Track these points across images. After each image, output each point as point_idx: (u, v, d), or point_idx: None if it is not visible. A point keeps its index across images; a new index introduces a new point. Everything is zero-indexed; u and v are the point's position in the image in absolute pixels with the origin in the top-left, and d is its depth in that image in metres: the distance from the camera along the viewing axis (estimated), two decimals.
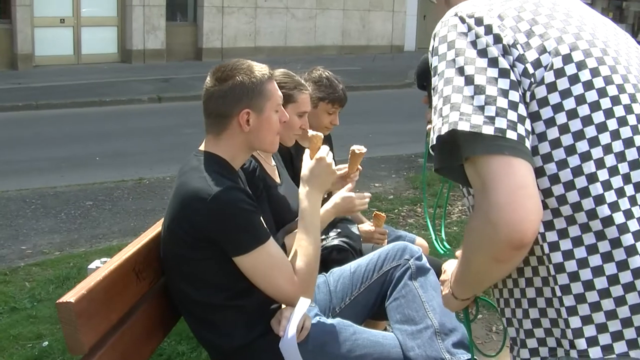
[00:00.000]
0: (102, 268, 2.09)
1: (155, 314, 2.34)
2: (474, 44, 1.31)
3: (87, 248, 5.45)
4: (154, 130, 10.65)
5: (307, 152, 2.44)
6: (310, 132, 2.47)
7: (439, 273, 2.65)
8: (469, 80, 1.28)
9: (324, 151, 2.40)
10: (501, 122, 1.24)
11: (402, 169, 8.21)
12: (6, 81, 13.72)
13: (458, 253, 1.60)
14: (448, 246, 2.05)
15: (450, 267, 1.65)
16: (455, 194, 6.66)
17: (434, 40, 1.39)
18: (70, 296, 1.86)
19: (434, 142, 1.31)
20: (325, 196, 2.87)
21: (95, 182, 7.37)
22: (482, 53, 1.30)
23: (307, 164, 2.41)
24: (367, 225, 3.23)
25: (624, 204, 1.26)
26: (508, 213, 1.21)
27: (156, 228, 2.42)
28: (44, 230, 5.89)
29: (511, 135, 1.23)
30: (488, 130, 1.23)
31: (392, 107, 13.21)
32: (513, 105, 1.26)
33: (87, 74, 15.01)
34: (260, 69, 2.29)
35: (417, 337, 2.38)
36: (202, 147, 2.32)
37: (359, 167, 2.89)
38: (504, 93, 1.26)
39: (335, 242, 2.88)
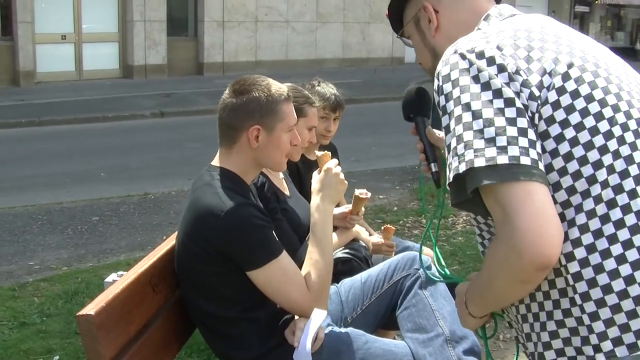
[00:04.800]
0: (119, 281, 2.13)
1: (171, 326, 2.36)
2: (476, 78, 1.38)
3: (95, 263, 5.46)
4: (157, 145, 10.71)
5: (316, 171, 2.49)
6: (318, 153, 2.51)
7: (447, 283, 2.69)
8: (477, 115, 1.34)
9: (332, 163, 2.45)
10: (514, 150, 1.30)
11: (406, 181, 8.21)
12: (9, 98, 13.79)
13: (471, 275, 1.64)
14: (448, 272, 2.08)
15: (463, 290, 1.66)
16: None
17: (437, 79, 1.45)
18: (90, 309, 1.89)
19: (451, 180, 1.36)
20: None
21: (101, 198, 7.39)
22: (486, 86, 1.36)
23: (316, 177, 2.45)
24: (375, 238, 3.26)
25: (636, 205, 1.32)
26: (531, 238, 1.26)
27: (170, 242, 2.45)
28: (51, 245, 5.91)
29: (525, 160, 1.29)
30: (502, 160, 1.29)
31: (394, 119, 13.11)
32: (522, 132, 1.32)
33: (89, 89, 15.08)
34: (278, 88, 2.33)
35: (429, 345, 2.41)
36: (214, 162, 2.36)
37: (363, 208, 3.00)
38: (512, 121, 1.32)
39: (339, 254, 2.91)
